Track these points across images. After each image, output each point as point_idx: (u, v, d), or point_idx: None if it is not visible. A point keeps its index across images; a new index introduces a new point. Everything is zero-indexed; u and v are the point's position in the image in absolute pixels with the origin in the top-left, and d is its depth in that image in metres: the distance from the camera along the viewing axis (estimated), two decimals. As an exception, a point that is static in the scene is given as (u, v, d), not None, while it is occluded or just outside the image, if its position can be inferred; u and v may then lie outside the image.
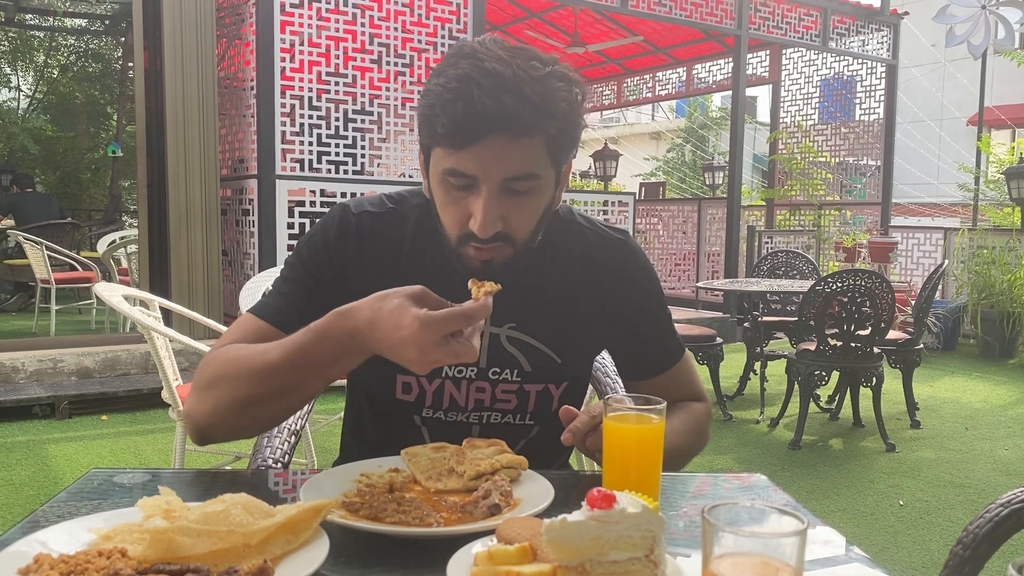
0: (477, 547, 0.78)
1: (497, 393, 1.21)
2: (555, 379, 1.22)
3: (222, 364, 1.08)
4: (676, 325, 1.35)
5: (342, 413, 1.42)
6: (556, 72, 1.05)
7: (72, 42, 13.62)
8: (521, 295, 1.19)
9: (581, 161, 16.02)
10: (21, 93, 14.05)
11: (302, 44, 5.26)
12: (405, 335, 0.90)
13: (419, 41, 5.56)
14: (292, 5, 5.17)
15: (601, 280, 1.25)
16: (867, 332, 4.12)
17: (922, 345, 4.83)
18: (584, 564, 0.70)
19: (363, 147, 5.54)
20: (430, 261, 1.19)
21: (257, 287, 3.44)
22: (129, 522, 0.81)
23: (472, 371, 1.20)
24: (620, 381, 1.44)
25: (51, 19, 11.86)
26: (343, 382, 1.44)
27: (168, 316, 4.03)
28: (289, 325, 1.12)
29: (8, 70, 13.47)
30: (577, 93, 1.07)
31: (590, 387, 1.64)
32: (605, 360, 1.58)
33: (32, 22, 12.53)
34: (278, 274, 1.26)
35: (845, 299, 4.07)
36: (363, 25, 5.43)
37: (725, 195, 8.48)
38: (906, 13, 8.78)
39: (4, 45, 13.12)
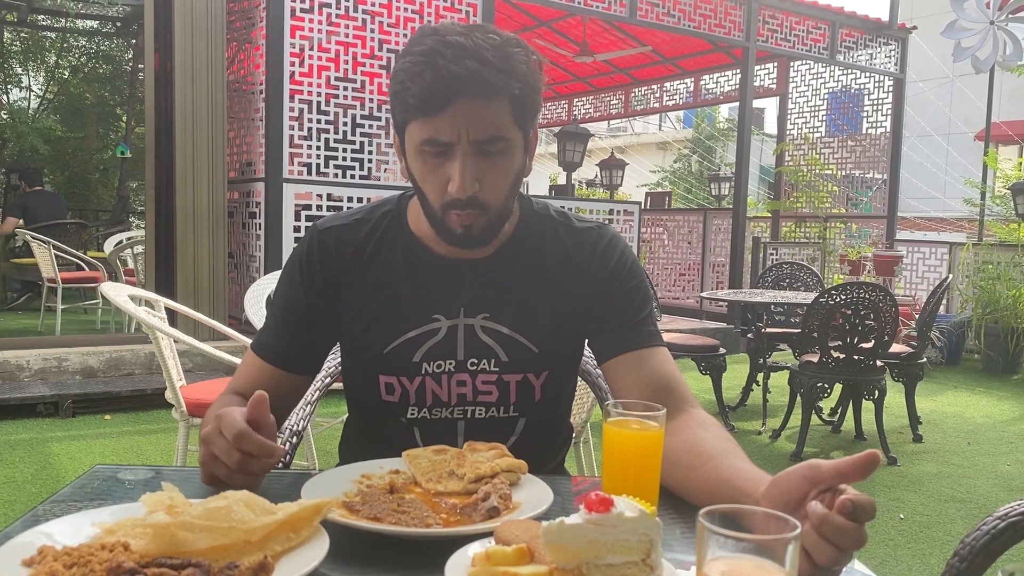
0: (475, 548, 0.78)
1: (478, 384, 1.22)
2: (534, 368, 1.22)
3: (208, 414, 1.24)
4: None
5: (344, 417, 1.43)
6: (513, 40, 1.11)
7: (83, 43, 13.69)
8: (494, 286, 1.22)
9: (587, 169, 16.02)
10: (32, 93, 14.12)
11: (312, 49, 5.29)
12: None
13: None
14: (302, 10, 5.20)
15: (573, 265, 1.25)
16: (870, 345, 4.11)
17: (925, 359, 4.82)
18: (581, 567, 0.71)
19: (371, 152, 5.56)
20: (395, 256, 1.23)
21: (262, 290, 3.47)
22: (132, 516, 0.82)
23: (451, 364, 1.21)
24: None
25: (63, 20, 11.93)
26: (339, 385, 1.46)
27: (173, 317, 4.05)
28: (280, 360, 1.24)
29: (19, 70, 13.54)
30: (535, 59, 1.13)
31: (587, 387, 1.64)
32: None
33: (44, 23, 12.61)
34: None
35: (849, 312, 4.07)
36: (372, 31, 5.46)
37: (731, 206, 8.49)
38: (914, 27, 8.79)
39: (16, 45, 13.18)
